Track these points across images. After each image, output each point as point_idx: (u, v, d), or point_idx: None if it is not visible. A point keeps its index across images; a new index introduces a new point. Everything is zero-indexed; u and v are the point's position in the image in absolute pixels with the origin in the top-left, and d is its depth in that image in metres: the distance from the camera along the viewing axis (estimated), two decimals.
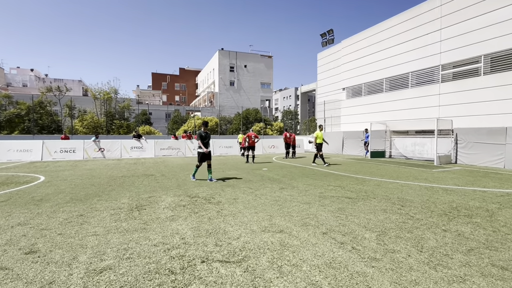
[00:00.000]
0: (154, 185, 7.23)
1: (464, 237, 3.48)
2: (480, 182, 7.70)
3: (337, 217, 4.33)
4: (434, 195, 5.99)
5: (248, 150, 13.27)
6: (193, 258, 2.91)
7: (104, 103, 26.48)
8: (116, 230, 3.75)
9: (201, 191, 6.46)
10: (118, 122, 26.57)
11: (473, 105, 13.50)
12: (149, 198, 5.69)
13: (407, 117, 16.39)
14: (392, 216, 4.41)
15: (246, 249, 3.12)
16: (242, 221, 4.17)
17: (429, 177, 8.52)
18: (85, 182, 7.72)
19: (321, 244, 3.27)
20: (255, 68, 48.60)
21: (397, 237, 3.50)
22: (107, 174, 9.34)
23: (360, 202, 5.30)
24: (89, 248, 3.15)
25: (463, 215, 4.47)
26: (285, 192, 6.27)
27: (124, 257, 2.92)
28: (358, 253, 3.01)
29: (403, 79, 17.15)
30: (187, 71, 63.25)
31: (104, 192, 6.31)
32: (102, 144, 16.54)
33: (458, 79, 14.32)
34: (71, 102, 25.03)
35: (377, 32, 18.87)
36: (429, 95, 15.54)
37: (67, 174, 9.48)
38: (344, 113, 21.95)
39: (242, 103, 43.40)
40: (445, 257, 2.92)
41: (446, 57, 14.61)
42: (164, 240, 3.39)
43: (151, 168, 11.14)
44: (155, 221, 4.15)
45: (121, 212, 4.67)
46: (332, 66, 23.61)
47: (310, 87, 52.45)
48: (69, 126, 24.64)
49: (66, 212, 4.67)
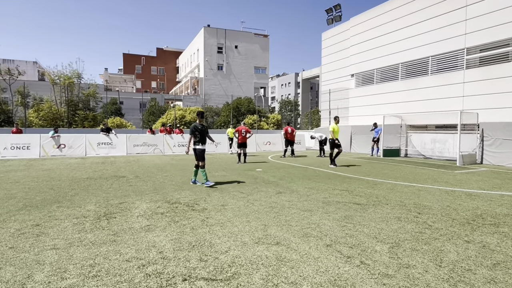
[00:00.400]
0: (126, 189, 7.18)
1: (489, 249, 3.57)
2: (509, 185, 7.89)
3: (343, 227, 4.38)
4: (456, 200, 6.11)
5: (239, 148, 13.28)
6: (173, 275, 2.91)
7: (65, 90, 26.03)
8: (80, 243, 3.71)
9: (182, 196, 6.44)
10: (82, 112, 26.18)
11: (502, 95, 13.76)
12: (120, 205, 5.66)
13: (426, 109, 16.62)
14: (407, 225, 4.49)
15: (236, 265, 3.13)
16: (232, 231, 4.18)
17: (451, 180, 8.68)
18: (42, 185, 7.61)
19: (325, 258, 3.31)
20: (247, 50, 48.45)
21: (412, 249, 3.56)
22: (69, 176, 9.23)
23: (370, 209, 5.37)
24: (47, 265, 3.11)
25: (489, 223, 4.58)
26: (282, 197, 6.31)
27: (89, 275, 2.89)
28: (367, 269, 3.05)
29: (422, 65, 17.35)
30: (166, 52, 62.67)
31: (66, 197, 6.23)
32: (62, 139, 16.31)
33: (485, 65, 14.56)
34: (24, 88, 24.51)
35: (392, 8, 19.00)
36: (451, 84, 15.77)
37: (19, 175, 9.34)
38: (352, 103, 22.12)
39: (232, 91, 43.29)
40: (468, 272, 2.99)
41: (472, 38, 14.82)
42: (138, 255, 3.38)
43: (123, 169, 11.06)
44: (127, 232, 4.13)
45: (86, 221, 4.63)
46: (339, 48, 23.71)
47: (313, 73, 52.59)
48: (21, 117, 24.16)
49: (18, 221, 4.60)
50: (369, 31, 20.60)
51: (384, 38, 19.46)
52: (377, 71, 20.21)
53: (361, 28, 21.32)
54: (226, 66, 47.18)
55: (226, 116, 31.67)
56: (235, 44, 47.64)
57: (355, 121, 21.48)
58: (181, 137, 19.18)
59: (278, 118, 34.11)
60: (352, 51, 22.08)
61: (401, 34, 18.34)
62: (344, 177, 9.10)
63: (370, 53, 20.58)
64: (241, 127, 13.43)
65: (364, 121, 20.31)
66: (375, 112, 19.34)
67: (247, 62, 48.60)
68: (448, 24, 15.85)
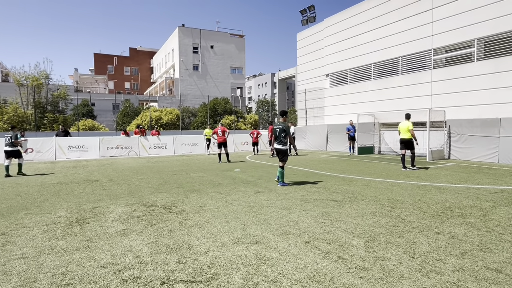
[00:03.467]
0: (100, 193, 6.96)
1: (457, 240, 3.77)
2: (474, 178, 8.36)
3: (321, 223, 4.47)
4: (427, 194, 6.39)
5: (219, 148, 13.50)
6: (150, 279, 2.85)
7: (32, 92, 24.80)
8: (50, 251, 3.56)
9: (159, 198, 6.33)
10: (51, 115, 25.08)
11: (466, 94, 14.53)
12: (94, 209, 5.47)
13: (397, 107, 17.26)
14: (381, 219, 4.64)
15: (215, 266, 3.12)
16: (211, 232, 4.16)
17: (421, 175, 9.07)
18: (8, 192, 7.23)
19: (303, 255, 3.36)
20: (223, 50, 48.25)
21: (387, 242, 3.69)
22: (37, 181, 8.81)
23: (347, 205, 5.51)
24: (15, 275, 2.96)
25: (457, 215, 4.83)
26: (261, 197, 6.34)
27: (62, 284, 2.78)
28: (345, 263, 3.13)
29: (393, 65, 18.00)
30: (139, 52, 61.20)
31: (34, 204, 5.96)
32: (30, 143, 15.53)
33: (451, 65, 15.32)
34: None
35: (364, 9, 19.57)
36: (420, 83, 16.47)
37: None
38: (328, 103, 22.58)
39: (209, 92, 42.97)
40: (438, 262, 3.14)
41: (439, 40, 15.56)
42: (113, 260, 3.28)
43: (96, 172, 10.70)
44: (101, 237, 4.00)
45: (57, 227, 4.44)
46: (314, 48, 24.13)
47: (289, 73, 53.24)
48: None
49: None
50: (343, 32, 21.12)
51: (357, 39, 20.01)
52: (351, 71, 20.75)
53: (335, 29, 21.81)
54: (202, 66, 46.76)
55: (203, 116, 31.41)
56: (210, 44, 47.32)
57: (331, 120, 21.94)
58: (157, 138, 18.82)
59: (256, 118, 34.24)
60: (327, 52, 22.54)
61: (373, 35, 18.93)
62: (321, 175, 9.27)
63: (344, 53, 21.09)
64: (217, 128, 13.70)
65: (340, 120, 20.79)
66: (349, 111, 19.84)
67: (223, 62, 48.41)
68: (416, 26, 16.54)
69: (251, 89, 74.31)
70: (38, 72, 25.45)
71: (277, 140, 7.58)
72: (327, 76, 22.69)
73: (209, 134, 18.12)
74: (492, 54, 13.65)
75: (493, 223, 4.42)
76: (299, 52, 25.95)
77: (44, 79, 25.55)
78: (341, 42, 21.29)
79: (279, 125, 7.65)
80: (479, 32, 13.89)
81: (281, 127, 7.55)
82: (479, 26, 13.86)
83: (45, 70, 25.92)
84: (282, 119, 7.86)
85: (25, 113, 24.12)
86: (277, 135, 7.58)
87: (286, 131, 7.57)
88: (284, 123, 7.69)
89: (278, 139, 7.57)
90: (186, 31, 45.64)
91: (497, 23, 13.26)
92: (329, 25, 22.26)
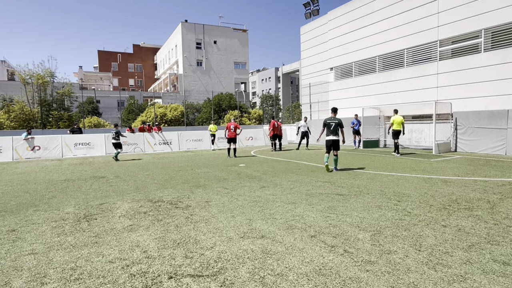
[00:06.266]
0: (107, 190, 7.02)
1: (464, 232, 3.74)
2: (481, 171, 8.28)
3: (326, 217, 4.47)
4: (433, 187, 6.35)
5: (228, 143, 13.71)
6: (158, 274, 2.88)
7: (37, 90, 24.98)
8: (59, 246, 3.61)
9: (165, 194, 6.37)
10: (57, 113, 25.26)
11: (473, 85, 14.34)
12: (101, 206, 5.53)
13: (403, 100, 17.10)
14: (387, 213, 4.63)
15: (222, 260, 3.14)
16: (217, 227, 4.18)
17: (428, 168, 9.01)
18: (17, 189, 7.32)
19: (309, 248, 3.37)
20: (227, 45, 48.03)
21: (393, 236, 3.68)
22: (45, 178, 8.92)
23: (352, 199, 5.50)
24: (26, 271, 3.01)
25: (464, 208, 4.79)
26: (266, 191, 6.35)
27: (71, 279, 2.82)
28: (351, 257, 3.13)
29: (398, 57, 17.80)
30: (143, 49, 61.16)
31: (42, 201, 6.03)
32: (37, 141, 15.70)
33: (457, 56, 15.10)
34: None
35: (368, 1, 19.32)
36: (426, 75, 16.27)
37: None
38: (332, 97, 22.44)
39: (213, 87, 42.90)
40: (445, 255, 3.13)
41: (444, 31, 15.32)
42: (121, 255, 3.32)
43: (102, 169, 10.79)
44: (109, 233, 4.05)
45: (65, 224, 4.50)
46: (318, 42, 23.92)
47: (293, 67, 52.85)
48: None
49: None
50: (347, 25, 20.89)
51: (361, 32, 19.79)
52: (355, 64, 20.56)
53: (339, 21, 21.57)
54: (206, 61, 46.65)
55: (208, 112, 31.42)
56: (214, 40, 47.11)
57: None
58: (161, 134, 18.88)
59: (260, 113, 34.15)
60: (331, 45, 22.33)
61: (378, 27, 18.70)
62: (326, 169, 9.24)
63: (348, 46, 20.88)
64: (230, 123, 13.84)
65: (345, 113, 20.64)
66: (354, 105, 19.70)
67: (227, 58, 48.22)
68: (422, 17, 16.29)
69: (255, 84, 74.07)
70: (43, 70, 25.58)
71: (333, 132, 8.70)
72: (331, 69, 22.52)
73: (213, 130, 18.16)
74: (500, 44, 13.42)
75: (500, 215, 4.38)
76: (303, 46, 25.76)
77: (49, 77, 25.69)
78: (345, 35, 21.07)
79: (334, 120, 8.76)
80: (487, 22, 13.65)
81: (336, 122, 8.71)
82: (487, 16, 13.62)
83: (49, 68, 26.05)
84: (333, 114, 8.93)
85: (31, 112, 24.34)
86: (331, 128, 8.71)
87: (341, 124, 8.77)
88: (337, 118, 8.82)
89: (334, 132, 8.69)
90: (189, 27, 45.47)
91: (505, 13, 13.02)
92: (333, 18, 22.02)
